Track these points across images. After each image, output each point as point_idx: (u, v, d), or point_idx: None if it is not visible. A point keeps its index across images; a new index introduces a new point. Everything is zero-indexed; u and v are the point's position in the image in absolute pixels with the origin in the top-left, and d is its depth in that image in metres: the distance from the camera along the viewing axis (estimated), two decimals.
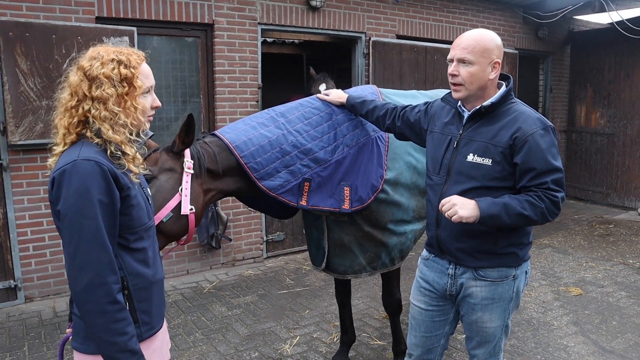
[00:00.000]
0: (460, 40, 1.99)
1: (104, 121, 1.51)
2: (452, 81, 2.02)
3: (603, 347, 3.63)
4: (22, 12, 4.12)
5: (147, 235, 1.65)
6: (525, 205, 1.86)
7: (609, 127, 8.22)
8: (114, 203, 1.48)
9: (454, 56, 1.99)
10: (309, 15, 5.60)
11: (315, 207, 2.60)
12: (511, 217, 1.86)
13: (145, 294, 1.62)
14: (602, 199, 8.38)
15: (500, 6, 7.46)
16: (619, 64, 8.00)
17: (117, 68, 1.53)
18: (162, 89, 4.97)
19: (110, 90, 1.51)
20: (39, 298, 4.43)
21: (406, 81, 6.27)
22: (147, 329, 1.64)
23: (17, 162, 4.24)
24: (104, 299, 1.44)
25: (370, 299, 4.51)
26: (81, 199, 1.42)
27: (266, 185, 2.48)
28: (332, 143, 2.64)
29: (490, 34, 2.01)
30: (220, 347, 3.64)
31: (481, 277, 2.04)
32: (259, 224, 5.55)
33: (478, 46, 1.94)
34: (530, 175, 1.89)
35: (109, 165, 1.48)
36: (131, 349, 1.49)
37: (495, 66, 1.98)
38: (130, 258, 1.58)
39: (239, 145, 2.45)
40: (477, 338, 2.14)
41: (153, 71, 1.69)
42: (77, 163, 1.44)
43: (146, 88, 1.61)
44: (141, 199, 1.61)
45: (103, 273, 1.44)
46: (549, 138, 1.91)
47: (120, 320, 1.48)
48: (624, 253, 5.85)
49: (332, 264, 2.91)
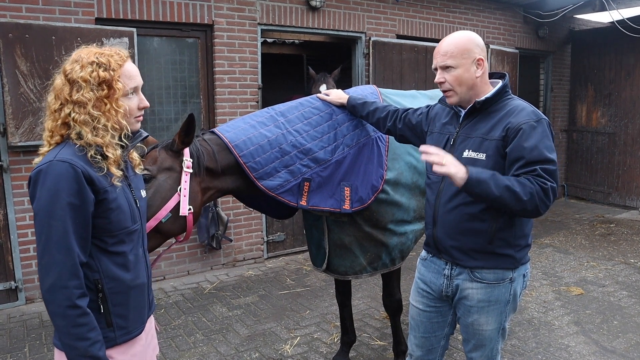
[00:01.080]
0: (439, 48, 2.02)
1: (84, 125, 1.51)
2: (441, 89, 2.06)
3: (604, 346, 3.62)
4: (21, 13, 4.12)
5: (129, 239, 1.63)
6: (513, 182, 1.77)
7: (610, 126, 8.21)
8: (85, 205, 1.47)
9: (436, 64, 2.03)
10: (309, 16, 5.60)
11: (315, 208, 2.59)
12: (499, 188, 1.76)
13: (122, 298, 1.61)
14: (603, 198, 8.36)
15: (500, 6, 7.45)
16: (620, 63, 7.98)
17: (95, 71, 1.52)
18: (162, 90, 4.98)
19: (88, 94, 1.51)
20: (40, 299, 4.43)
21: (406, 81, 6.26)
22: (123, 334, 1.63)
23: (17, 164, 4.24)
24: (64, 302, 1.44)
25: (370, 299, 4.51)
26: (51, 199, 1.43)
27: (265, 185, 2.48)
28: (332, 143, 2.64)
29: (466, 34, 2.02)
30: (220, 348, 3.64)
31: (477, 279, 2.04)
32: (260, 224, 5.55)
33: (456, 50, 1.96)
34: (518, 164, 1.83)
35: (83, 167, 1.47)
36: (92, 355, 1.48)
37: (479, 63, 1.99)
38: (108, 261, 1.57)
39: (239, 144, 2.44)
40: (473, 341, 2.14)
41: (153, 72, 1.68)
42: (52, 164, 1.45)
43: (129, 89, 1.60)
44: (123, 202, 1.59)
45: (65, 276, 1.44)
46: (541, 129, 1.87)
47: (81, 325, 1.47)
48: (625, 252, 5.84)
49: (333, 265, 2.91)
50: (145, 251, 1.75)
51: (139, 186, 1.75)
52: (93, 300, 1.55)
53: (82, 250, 1.49)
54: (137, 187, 1.73)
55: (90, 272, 1.55)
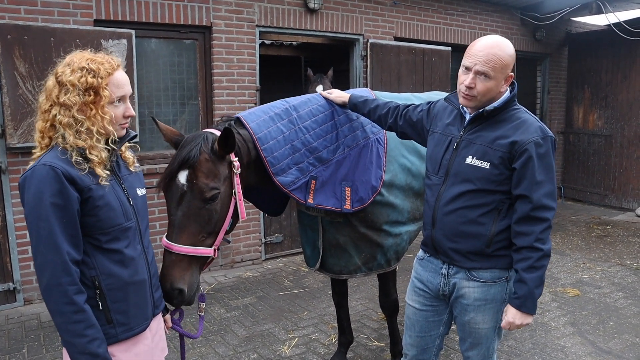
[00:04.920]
0: (482, 52, 1.91)
1: (67, 127, 1.55)
2: (466, 92, 1.96)
3: (600, 347, 3.64)
4: (20, 14, 4.13)
5: (124, 236, 1.65)
6: (533, 275, 1.91)
7: (606, 128, 8.24)
8: (69, 204, 1.51)
9: (472, 67, 1.93)
10: (307, 18, 5.62)
11: (319, 206, 2.60)
12: (539, 289, 1.94)
13: (121, 294, 1.63)
14: (600, 200, 8.40)
15: (497, 8, 7.49)
16: (616, 65, 8.03)
17: (84, 77, 1.56)
18: (160, 92, 4.98)
19: (74, 98, 1.55)
20: (38, 300, 4.43)
21: (404, 83, 6.28)
22: (124, 330, 1.65)
23: (15, 165, 4.24)
24: (60, 299, 1.48)
25: (368, 301, 4.52)
26: (36, 202, 1.49)
27: (280, 181, 2.48)
28: (334, 143, 2.66)
29: (509, 47, 1.96)
30: (219, 349, 3.65)
31: (474, 278, 2.06)
32: (258, 225, 5.56)
33: (500, 62, 1.91)
34: (525, 207, 1.92)
35: (64, 168, 1.51)
36: (90, 351, 1.50)
37: (508, 80, 1.99)
38: (104, 258, 1.60)
39: (261, 137, 2.42)
40: (470, 339, 2.15)
41: (151, 74, 1.70)
42: (35, 169, 1.51)
43: (116, 97, 1.62)
44: (113, 200, 1.62)
45: (57, 274, 1.48)
46: (546, 148, 1.92)
47: (78, 322, 1.50)
48: (621, 254, 5.87)
49: (327, 264, 2.93)
50: (146, 248, 1.77)
51: (134, 184, 1.77)
52: (91, 297, 1.57)
53: (74, 248, 1.52)
54: (131, 185, 1.75)
55: (87, 270, 1.57)
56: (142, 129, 4.81)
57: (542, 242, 1.90)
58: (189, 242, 1.98)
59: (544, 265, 1.92)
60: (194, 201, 2.01)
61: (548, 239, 1.93)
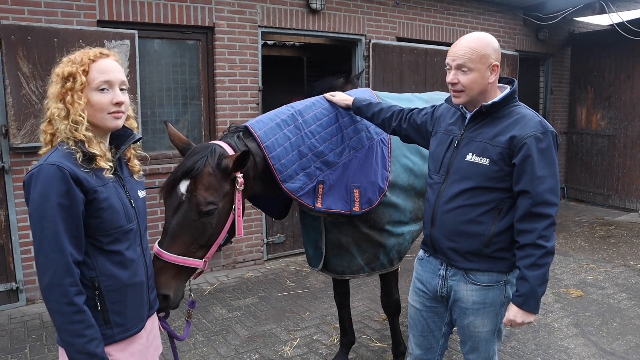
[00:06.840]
0: (457, 48, 1.98)
1: (58, 118, 1.57)
2: (453, 88, 2.02)
3: (604, 348, 3.63)
4: (24, 15, 4.15)
5: (125, 238, 1.65)
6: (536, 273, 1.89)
7: (609, 128, 8.22)
8: (75, 205, 1.51)
9: (452, 64, 1.99)
10: (309, 18, 5.62)
11: (329, 210, 2.60)
12: (542, 287, 1.91)
13: (119, 295, 1.63)
14: (603, 200, 8.37)
15: (500, 8, 7.48)
16: (620, 65, 8.00)
17: (67, 66, 1.59)
18: (162, 92, 4.99)
19: (56, 88, 1.59)
20: (40, 300, 4.43)
21: (406, 83, 6.28)
22: (121, 331, 1.65)
23: (19, 165, 4.25)
24: (61, 299, 1.48)
25: (370, 301, 4.52)
26: (42, 202, 1.48)
27: (288, 188, 2.48)
28: (339, 146, 2.66)
29: (486, 38, 2.00)
30: (220, 349, 3.65)
31: (472, 280, 2.05)
32: (260, 226, 5.57)
33: (475, 53, 1.94)
34: (526, 202, 1.90)
35: (71, 168, 1.51)
36: (89, 351, 1.51)
37: (494, 69, 1.98)
38: (104, 260, 1.60)
39: (269, 145, 2.42)
40: (470, 343, 2.15)
41: (154, 74, 1.70)
42: (42, 168, 1.51)
43: (99, 82, 1.59)
44: (116, 202, 1.62)
45: (59, 274, 1.48)
46: (547, 143, 1.90)
47: (77, 322, 1.50)
48: (624, 255, 5.85)
49: (330, 264, 2.92)
50: (145, 250, 1.77)
51: (135, 186, 1.77)
52: (90, 297, 1.58)
53: (77, 249, 1.53)
54: (133, 187, 1.75)
55: (87, 270, 1.58)
56: (144, 129, 4.82)
57: (545, 240, 1.87)
58: (180, 251, 1.97)
59: (547, 263, 1.89)
60: (190, 212, 2.01)
61: (552, 236, 1.90)
